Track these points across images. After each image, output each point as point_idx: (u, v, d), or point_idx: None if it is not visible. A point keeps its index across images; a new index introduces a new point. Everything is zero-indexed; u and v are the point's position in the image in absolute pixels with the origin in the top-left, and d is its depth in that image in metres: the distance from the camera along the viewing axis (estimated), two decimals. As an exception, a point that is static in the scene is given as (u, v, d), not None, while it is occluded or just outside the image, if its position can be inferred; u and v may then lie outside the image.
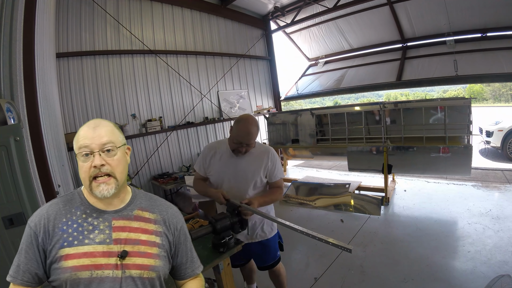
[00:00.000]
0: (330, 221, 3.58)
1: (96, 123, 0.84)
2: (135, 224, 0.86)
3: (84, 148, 0.80)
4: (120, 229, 0.84)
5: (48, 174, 1.89)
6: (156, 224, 0.89)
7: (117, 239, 0.82)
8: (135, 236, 0.84)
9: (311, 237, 1.46)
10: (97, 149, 0.80)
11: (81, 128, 0.84)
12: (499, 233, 2.79)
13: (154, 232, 0.88)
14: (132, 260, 0.81)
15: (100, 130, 0.82)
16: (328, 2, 5.90)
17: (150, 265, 0.83)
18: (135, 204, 0.90)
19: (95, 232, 0.81)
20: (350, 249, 1.11)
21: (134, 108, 4.51)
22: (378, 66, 6.38)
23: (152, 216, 0.90)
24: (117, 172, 0.83)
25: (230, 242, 1.51)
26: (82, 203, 0.85)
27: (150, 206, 0.92)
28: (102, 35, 4.14)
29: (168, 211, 0.95)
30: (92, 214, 0.83)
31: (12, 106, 1.66)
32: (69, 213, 0.83)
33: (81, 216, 0.82)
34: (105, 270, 0.78)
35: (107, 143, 0.81)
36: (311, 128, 4.75)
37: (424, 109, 3.69)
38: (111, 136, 0.83)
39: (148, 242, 0.85)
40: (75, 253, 0.78)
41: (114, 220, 0.84)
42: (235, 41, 6.25)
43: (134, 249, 0.82)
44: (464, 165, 3.56)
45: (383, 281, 2.31)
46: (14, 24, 1.74)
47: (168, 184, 4.25)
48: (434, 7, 5.19)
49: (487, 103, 16.73)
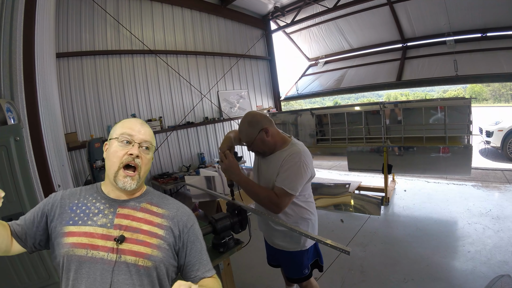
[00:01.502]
0: (330, 221, 3.58)
1: (143, 122, 0.94)
2: (139, 214, 0.89)
3: (127, 135, 0.87)
4: (124, 216, 0.87)
5: (48, 174, 1.89)
6: (163, 218, 0.91)
7: (118, 224, 0.85)
8: (137, 225, 0.87)
9: (309, 238, 1.45)
10: (138, 141, 0.88)
11: (127, 119, 0.94)
12: (499, 233, 2.79)
13: (157, 225, 0.89)
14: (129, 246, 0.83)
15: (146, 128, 0.92)
16: (328, 2, 5.90)
17: (146, 253, 0.84)
18: (145, 198, 0.94)
19: (99, 215, 0.86)
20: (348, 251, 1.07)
21: (134, 108, 4.51)
22: (378, 66, 6.38)
23: (160, 211, 0.92)
24: (143, 170, 0.89)
25: (230, 242, 1.51)
26: (97, 191, 0.92)
27: (161, 203, 0.95)
28: (102, 35, 4.14)
29: (179, 209, 0.96)
30: (102, 200, 0.89)
31: (12, 106, 1.66)
32: (83, 197, 0.90)
33: (91, 201, 0.89)
34: (100, 251, 0.80)
35: (147, 141, 0.90)
36: (311, 128, 4.76)
37: (424, 109, 3.70)
38: (152, 138, 0.93)
39: (148, 232, 0.87)
40: (77, 231, 0.83)
41: (120, 208, 0.88)
42: (235, 41, 6.24)
43: (133, 236, 0.84)
44: (464, 165, 3.56)
45: (383, 281, 2.31)
46: (14, 24, 1.74)
47: (168, 184, 4.25)
48: (434, 7, 5.19)
49: (487, 103, 16.72)
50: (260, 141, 1.49)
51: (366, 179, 4.77)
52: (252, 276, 2.60)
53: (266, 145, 1.51)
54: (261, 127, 1.48)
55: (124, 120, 0.93)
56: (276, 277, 2.39)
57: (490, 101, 17.37)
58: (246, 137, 1.51)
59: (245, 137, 1.52)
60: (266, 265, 1.93)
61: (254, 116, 1.52)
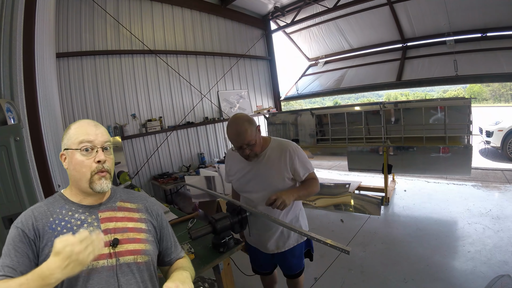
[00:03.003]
0: (330, 221, 3.58)
1: (94, 122, 0.89)
2: (120, 214, 0.90)
3: (86, 143, 0.83)
4: (107, 219, 0.87)
5: (48, 174, 1.89)
6: (140, 212, 0.94)
7: (106, 229, 0.84)
8: (122, 224, 0.88)
9: (309, 238, 1.46)
10: (100, 145, 0.84)
11: (77, 124, 0.86)
12: (499, 233, 2.79)
13: (139, 220, 0.92)
14: (124, 247, 0.84)
15: (101, 129, 0.87)
16: (328, 2, 5.90)
17: (141, 249, 0.86)
18: (116, 197, 0.94)
19: (83, 225, 0.83)
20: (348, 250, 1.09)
21: (134, 108, 4.51)
22: (378, 66, 6.38)
23: (133, 205, 0.95)
24: (111, 170, 0.88)
25: (230, 242, 1.51)
26: (66, 203, 0.86)
27: (130, 198, 0.97)
28: (102, 35, 4.14)
29: (148, 199, 1.01)
30: (78, 210, 0.85)
31: (12, 106, 1.66)
32: (55, 213, 0.83)
33: (67, 214, 0.84)
34: (100, 260, 0.79)
35: (107, 141, 0.87)
36: (311, 128, 4.75)
37: (424, 109, 3.69)
38: (108, 136, 0.89)
39: (135, 228, 0.89)
40: None
41: (100, 213, 0.87)
42: (235, 41, 6.25)
43: (124, 236, 0.85)
44: (464, 165, 3.56)
45: (383, 281, 2.31)
46: (14, 24, 1.74)
47: (168, 184, 4.25)
48: (434, 7, 5.19)
49: (487, 103, 16.72)
50: (258, 139, 1.47)
51: (366, 179, 4.77)
52: (252, 276, 2.60)
53: (260, 143, 1.50)
54: (256, 125, 1.47)
55: (74, 125, 0.86)
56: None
57: (490, 101, 17.35)
58: (250, 136, 1.42)
59: (249, 136, 1.42)
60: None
61: (247, 116, 1.49)
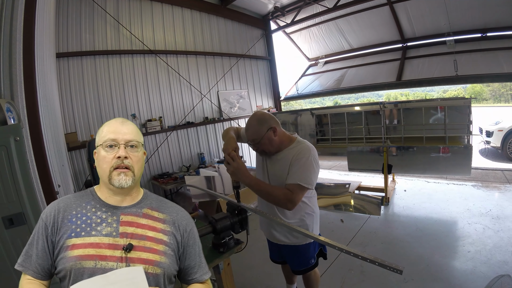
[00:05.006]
0: (330, 221, 3.58)
1: (124, 120, 0.91)
2: (143, 221, 0.88)
3: (110, 140, 0.84)
4: (128, 223, 0.85)
5: (48, 174, 1.89)
6: (165, 224, 0.90)
7: (123, 232, 0.83)
8: (142, 232, 0.86)
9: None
10: (123, 142, 0.85)
11: (108, 122, 0.90)
12: (499, 233, 2.79)
13: (161, 231, 0.88)
14: (137, 254, 0.82)
15: (127, 127, 0.88)
16: (328, 2, 5.90)
17: (155, 260, 0.83)
18: (145, 203, 0.92)
19: (102, 224, 0.83)
20: (401, 270, 0.97)
21: (134, 108, 4.51)
22: (378, 66, 6.38)
23: (161, 216, 0.91)
24: (136, 168, 0.87)
25: (230, 242, 1.51)
26: (93, 199, 0.88)
27: (160, 207, 0.94)
28: (102, 35, 4.14)
29: (179, 213, 0.96)
30: (102, 208, 0.86)
31: (12, 106, 1.66)
32: (80, 206, 0.86)
33: (91, 210, 0.85)
34: (109, 261, 0.78)
35: (132, 140, 0.87)
36: (311, 128, 4.76)
37: (424, 109, 3.70)
38: (136, 135, 0.89)
39: (154, 239, 0.86)
40: (81, 243, 0.79)
41: (123, 215, 0.86)
42: (235, 41, 6.24)
43: (140, 243, 0.83)
44: (464, 165, 3.56)
45: (383, 281, 2.31)
46: (14, 24, 1.74)
47: (168, 184, 4.24)
48: (434, 7, 5.19)
49: (487, 103, 16.72)
50: (267, 139, 1.49)
51: (366, 179, 4.77)
52: (252, 276, 2.60)
53: (272, 144, 1.52)
54: (270, 126, 1.49)
55: (105, 124, 0.90)
56: (275, 277, 2.39)
57: (490, 101, 17.36)
58: (254, 134, 1.50)
59: (253, 134, 1.50)
60: (266, 265, 1.93)
61: (263, 115, 1.54)
